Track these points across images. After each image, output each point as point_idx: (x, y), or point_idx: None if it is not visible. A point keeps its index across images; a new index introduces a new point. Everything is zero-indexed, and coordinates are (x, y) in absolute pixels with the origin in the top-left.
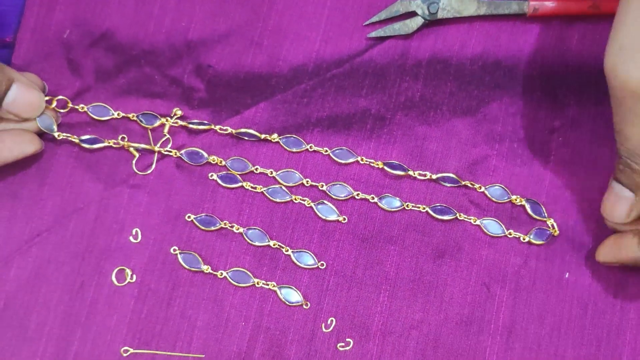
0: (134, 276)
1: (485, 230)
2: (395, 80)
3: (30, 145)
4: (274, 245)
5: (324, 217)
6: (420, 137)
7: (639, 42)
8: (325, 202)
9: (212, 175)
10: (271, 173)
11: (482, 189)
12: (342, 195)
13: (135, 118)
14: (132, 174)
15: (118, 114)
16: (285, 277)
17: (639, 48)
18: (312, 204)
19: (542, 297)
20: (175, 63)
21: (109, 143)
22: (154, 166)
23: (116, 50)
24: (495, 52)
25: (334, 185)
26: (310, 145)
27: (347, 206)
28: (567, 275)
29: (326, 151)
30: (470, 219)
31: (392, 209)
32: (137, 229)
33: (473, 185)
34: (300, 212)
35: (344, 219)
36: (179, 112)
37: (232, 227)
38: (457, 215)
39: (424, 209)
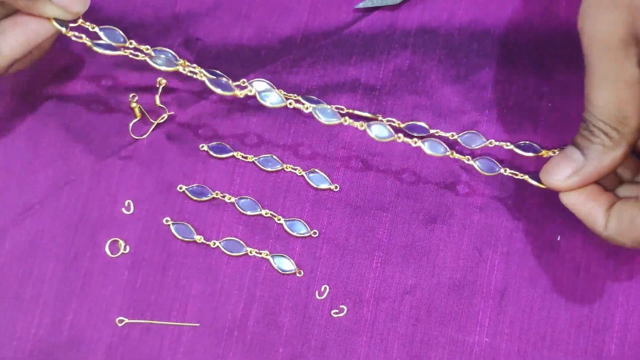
0: (127, 247)
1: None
2: (383, 50)
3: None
4: (266, 214)
5: (315, 186)
6: (409, 105)
7: None
8: (316, 170)
9: (202, 147)
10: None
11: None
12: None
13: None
14: (123, 145)
15: (130, 43)
16: (278, 246)
17: (604, 3)
18: (303, 173)
19: (534, 260)
20: (164, 36)
21: (125, 53)
22: (149, 132)
23: (104, 24)
24: (483, 20)
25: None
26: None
27: (338, 174)
28: (558, 239)
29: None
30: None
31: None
32: (130, 201)
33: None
34: (291, 181)
35: (336, 187)
36: (163, 82)
37: (223, 197)
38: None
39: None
